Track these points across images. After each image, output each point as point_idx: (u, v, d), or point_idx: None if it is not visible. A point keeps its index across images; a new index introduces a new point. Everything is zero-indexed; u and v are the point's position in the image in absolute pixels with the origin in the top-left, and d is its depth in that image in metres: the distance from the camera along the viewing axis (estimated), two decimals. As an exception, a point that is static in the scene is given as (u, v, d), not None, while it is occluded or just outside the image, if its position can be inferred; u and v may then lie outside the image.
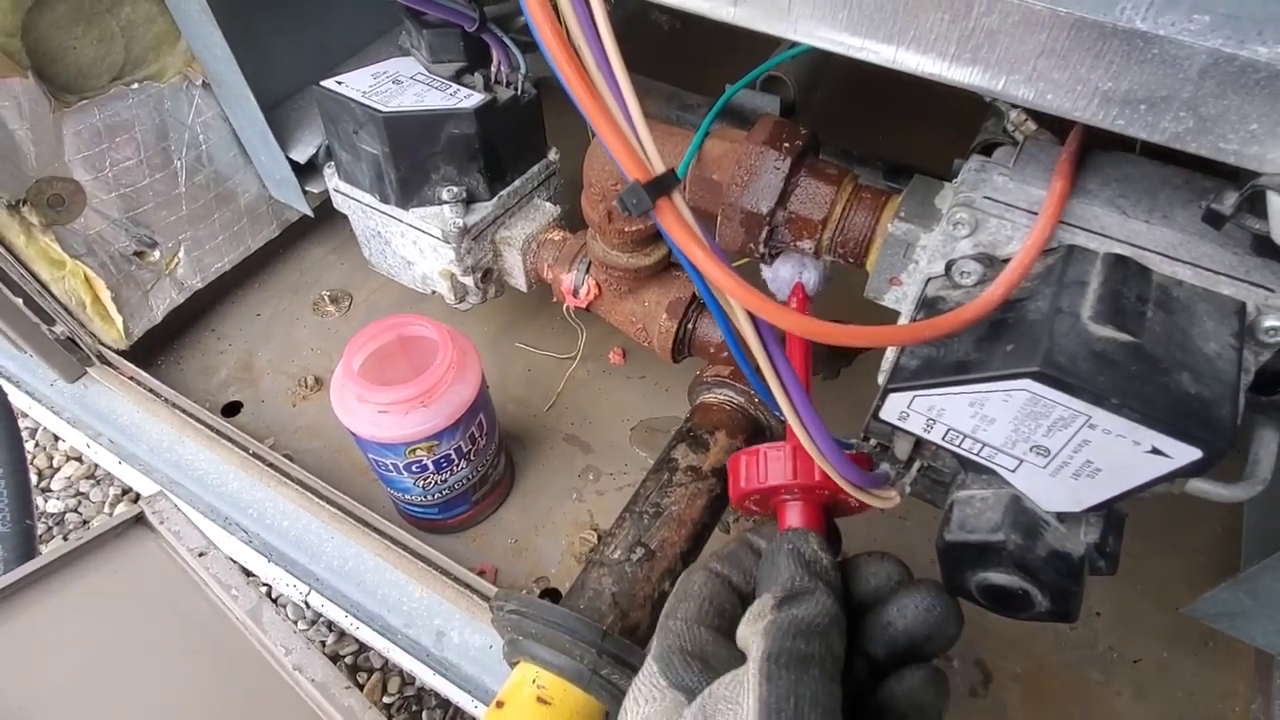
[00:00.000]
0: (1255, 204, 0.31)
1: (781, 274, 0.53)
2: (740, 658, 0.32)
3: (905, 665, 0.33)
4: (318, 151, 0.80)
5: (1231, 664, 0.66)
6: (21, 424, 0.80)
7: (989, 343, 0.34)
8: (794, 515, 0.39)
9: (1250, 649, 0.65)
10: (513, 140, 0.70)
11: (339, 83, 0.66)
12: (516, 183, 0.72)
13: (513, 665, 0.48)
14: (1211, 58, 0.27)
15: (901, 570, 0.36)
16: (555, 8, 0.31)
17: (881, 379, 0.39)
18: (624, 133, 0.31)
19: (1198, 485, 0.36)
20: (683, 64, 1.03)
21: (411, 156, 0.66)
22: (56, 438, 1.16)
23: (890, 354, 0.42)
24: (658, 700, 0.32)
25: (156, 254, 0.83)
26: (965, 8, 0.30)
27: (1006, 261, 0.35)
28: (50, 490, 1.12)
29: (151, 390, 0.82)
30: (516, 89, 0.68)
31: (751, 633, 0.32)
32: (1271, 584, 0.47)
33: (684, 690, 0.32)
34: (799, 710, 0.27)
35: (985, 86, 0.32)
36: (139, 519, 0.62)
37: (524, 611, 0.47)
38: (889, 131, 1.05)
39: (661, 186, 0.31)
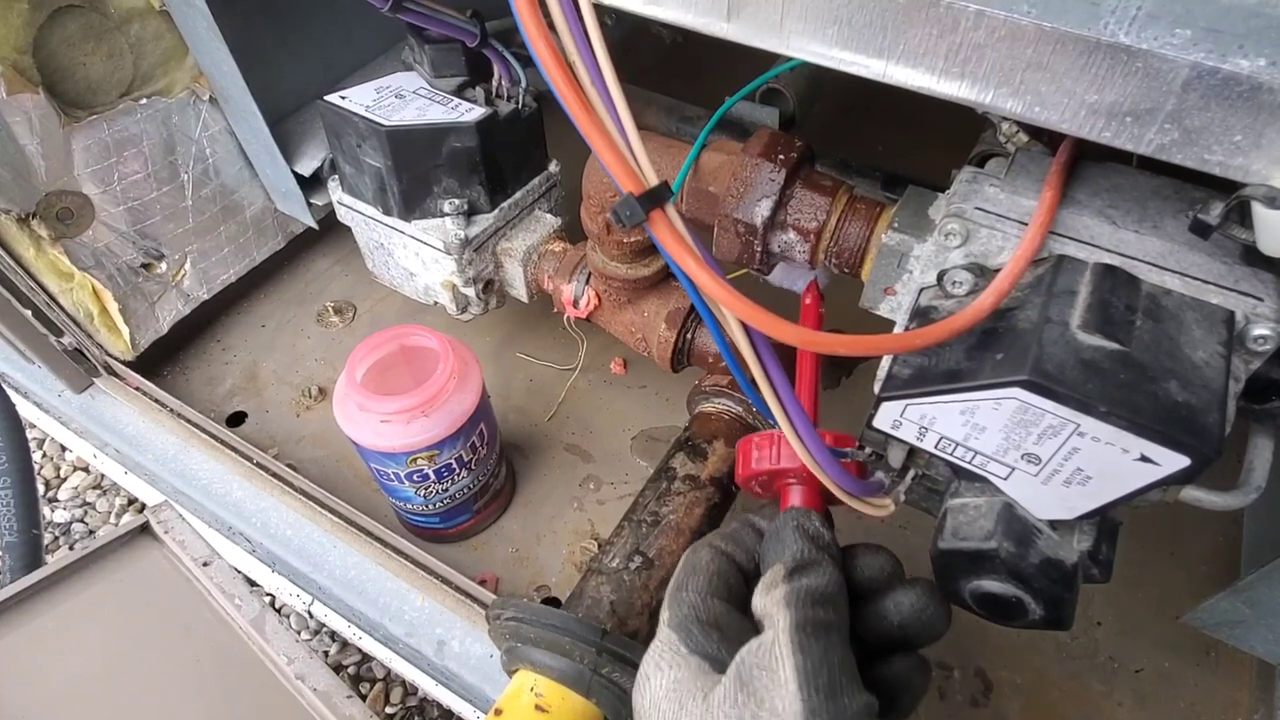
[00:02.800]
0: (1242, 214, 0.32)
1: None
2: (750, 628, 0.35)
3: (894, 651, 0.36)
4: (322, 165, 0.81)
5: (1234, 674, 0.66)
6: (29, 435, 0.81)
7: (979, 351, 0.34)
8: (796, 497, 0.41)
9: (1253, 659, 0.65)
10: (513, 153, 0.71)
11: (343, 97, 0.67)
12: (517, 195, 0.73)
13: (511, 674, 0.48)
14: (1194, 71, 0.27)
15: (895, 564, 0.38)
16: (551, 25, 0.31)
17: (877, 388, 0.40)
18: (618, 146, 0.32)
19: (1192, 493, 0.36)
20: (684, 77, 1.04)
21: (414, 169, 0.67)
22: (64, 448, 1.17)
23: (885, 363, 0.43)
24: (680, 666, 0.34)
25: (163, 266, 0.84)
26: (953, 22, 0.30)
27: (998, 271, 0.36)
28: (57, 500, 1.13)
29: (157, 401, 0.83)
30: (517, 103, 0.69)
31: (770, 602, 0.33)
32: (1269, 593, 0.47)
33: (705, 657, 0.34)
34: (833, 675, 0.30)
35: (974, 99, 0.32)
36: (144, 529, 0.62)
37: (522, 617, 0.47)
38: (888, 143, 1.06)
39: (655, 199, 0.32)
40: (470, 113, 0.66)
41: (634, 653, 0.46)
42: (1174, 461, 0.30)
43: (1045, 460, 0.33)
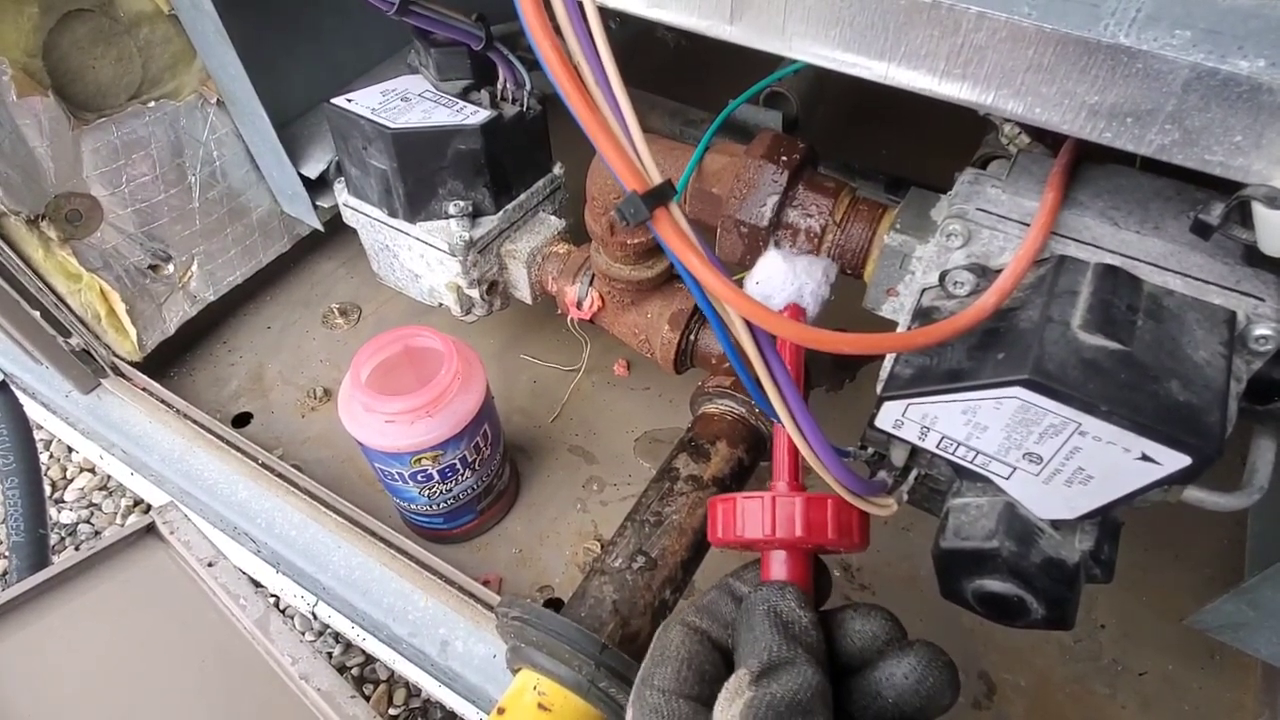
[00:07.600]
0: (1243, 214, 0.32)
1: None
2: None
3: None
4: (328, 167, 0.82)
5: (1239, 677, 0.66)
6: (36, 435, 0.81)
7: (981, 351, 0.34)
8: (776, 565, 0.37)
9: (1258, 662, 0.65)
10: (518, 155, 0.71)
11: (349, 100, 0.68)
12: (522, 197, 0.73)
13: (514, 672, 0.48)
14: (1194, 72, 0.27)
15: (891, 626, 0.33)
16: (556, 28, 0.32)
17: (879, 388, 0.40)
18: (622, 145, 0.32)
19: (1194, 494, 0.36)
20: (689, 81, 1.04)
21: (419, 171, 0.68)
22: (70, 449, 1.17)
23: (888, 363, 0.43)
24: None
25: (170, 267, 0.84)
26: (954, 24, 0.31)
27: (999, 272, 0.36)
28: (64, 501, 1.14)
29: (164, 401, 0.83)
30: (522, 105, 0.69)
31: (729, 718, 0.29)
32: (1272, 595, 0.47)
33: None
34: None
35: (975, 101, 0.32)
36: (150, 529, 0.62)
37: (526, 619, 0.47)
38: (892, 145, 1.06)
39: (659, 197, 0.32)
40: (475, 115, 0.67)
41: (631, 671, 0.45)
42: (1175, 460, 0.30)
43: (1047, 460, 0.33)
